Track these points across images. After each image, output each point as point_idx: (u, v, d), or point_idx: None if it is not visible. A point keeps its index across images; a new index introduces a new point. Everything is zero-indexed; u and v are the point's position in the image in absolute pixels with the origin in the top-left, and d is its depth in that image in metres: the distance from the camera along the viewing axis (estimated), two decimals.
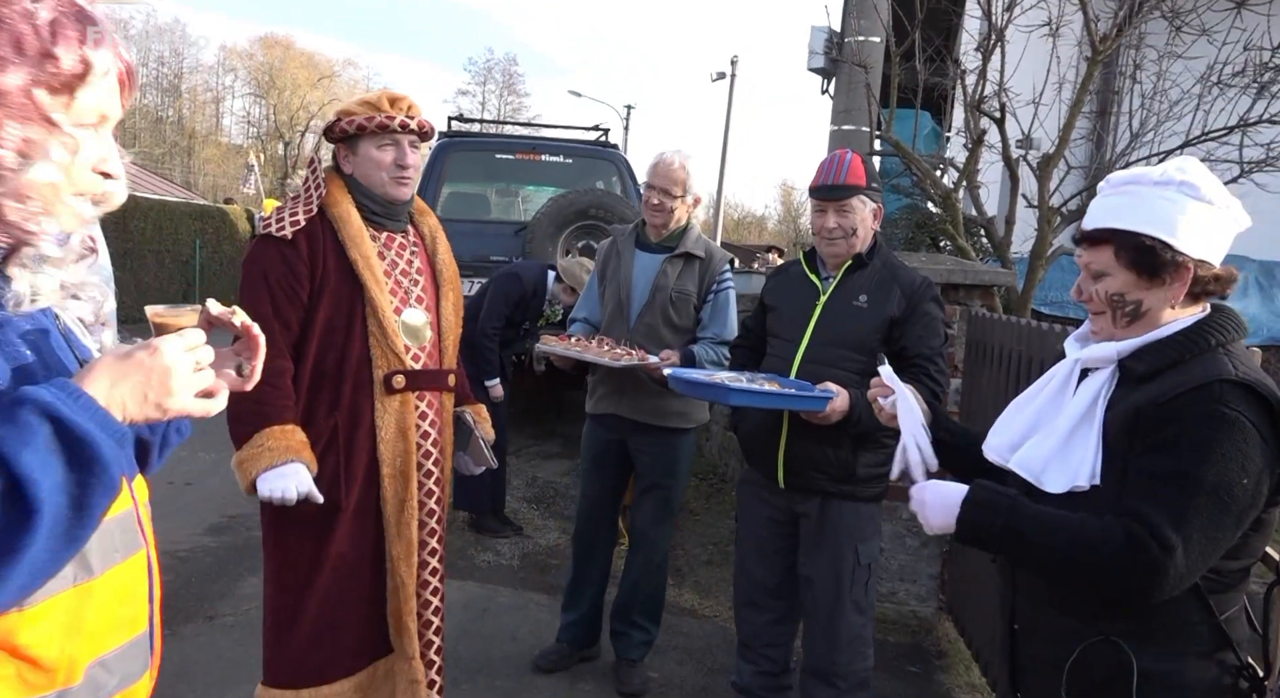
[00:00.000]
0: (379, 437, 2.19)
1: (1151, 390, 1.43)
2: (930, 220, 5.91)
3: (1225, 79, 5.02)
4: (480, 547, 4.64)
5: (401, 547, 2.23)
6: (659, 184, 3.14)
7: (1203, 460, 1.36)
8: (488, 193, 8.02)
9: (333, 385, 2.17)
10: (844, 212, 2.56)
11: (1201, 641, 1.44)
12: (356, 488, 2.19)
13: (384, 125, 2.21)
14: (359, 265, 2.17)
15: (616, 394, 3.20)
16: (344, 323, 2.17)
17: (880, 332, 2.54)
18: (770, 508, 2.70)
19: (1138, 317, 1.51)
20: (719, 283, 3.16)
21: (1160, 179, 1.49)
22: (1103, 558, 1.38)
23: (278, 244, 2.14)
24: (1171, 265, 1.47)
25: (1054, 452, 1.50)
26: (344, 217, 2.20)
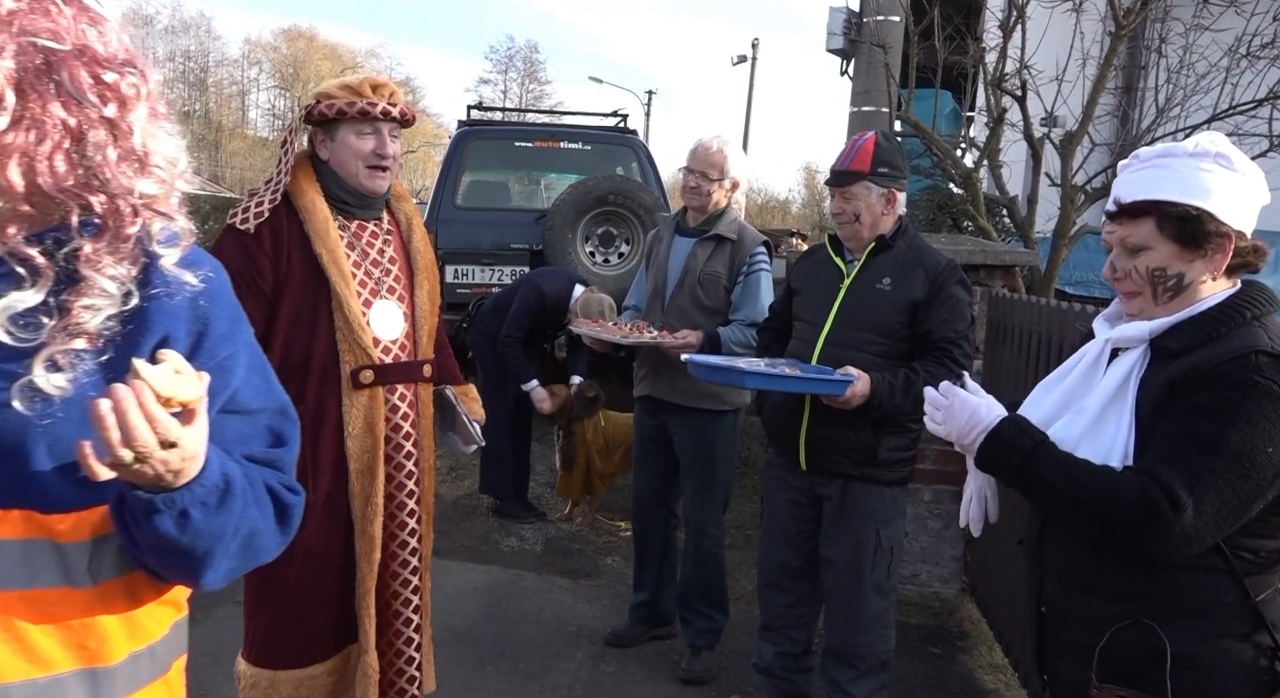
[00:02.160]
0: (346, 432, 2.14)
1: (1185, 364, 1.42)
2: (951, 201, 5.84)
3: (1254, 51, 4.89)
4: (504, 532, 4.67)
5: (364, 543, 2.18)
6: (696, 167, 3.15)
7: (1228, 425, 1.35)
8: (508, 181, 8.01)
9: (298, 380, 2.10)
10: (847, 197, 2.56)
11: (1236, 622, 1.42)
12: (325, 483, 2.14)
13: (365, 112, 2.12)
14: (324, 259, 2.10)
15: (653, 377, 3.25)
16: (309, 317, 2.11)
17: (904, 315, 2.52)
18: (793, 490, 2.70)
19: (1180, 290, 1.48)
20: (750, 265, 3.15)
21: (1195, 150, 1.47)
22: (1113, 510, 1.38)
23: (240, 236, 2.08)
24: (1216, 236, 1.45)
25: (1085, 431, 1.49)
26: (310, 207, 2.13)
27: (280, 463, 1.10)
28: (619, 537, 4.63)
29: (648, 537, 3.45)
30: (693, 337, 3.06)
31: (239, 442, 1.05)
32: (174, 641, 1.08)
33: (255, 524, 1.02)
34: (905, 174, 2.64)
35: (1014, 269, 4.06)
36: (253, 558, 1.05)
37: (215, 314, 1.02)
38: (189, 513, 0.93)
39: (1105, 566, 1.48)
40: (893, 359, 2.50)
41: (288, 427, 1.12)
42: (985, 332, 3.82)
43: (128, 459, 0.85)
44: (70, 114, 0.89)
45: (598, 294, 4.54)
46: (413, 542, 2.30)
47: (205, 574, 1.00)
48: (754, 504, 4.94)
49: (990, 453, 1.53)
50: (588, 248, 6.12)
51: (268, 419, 1.10)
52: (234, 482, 0.98)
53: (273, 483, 1.07)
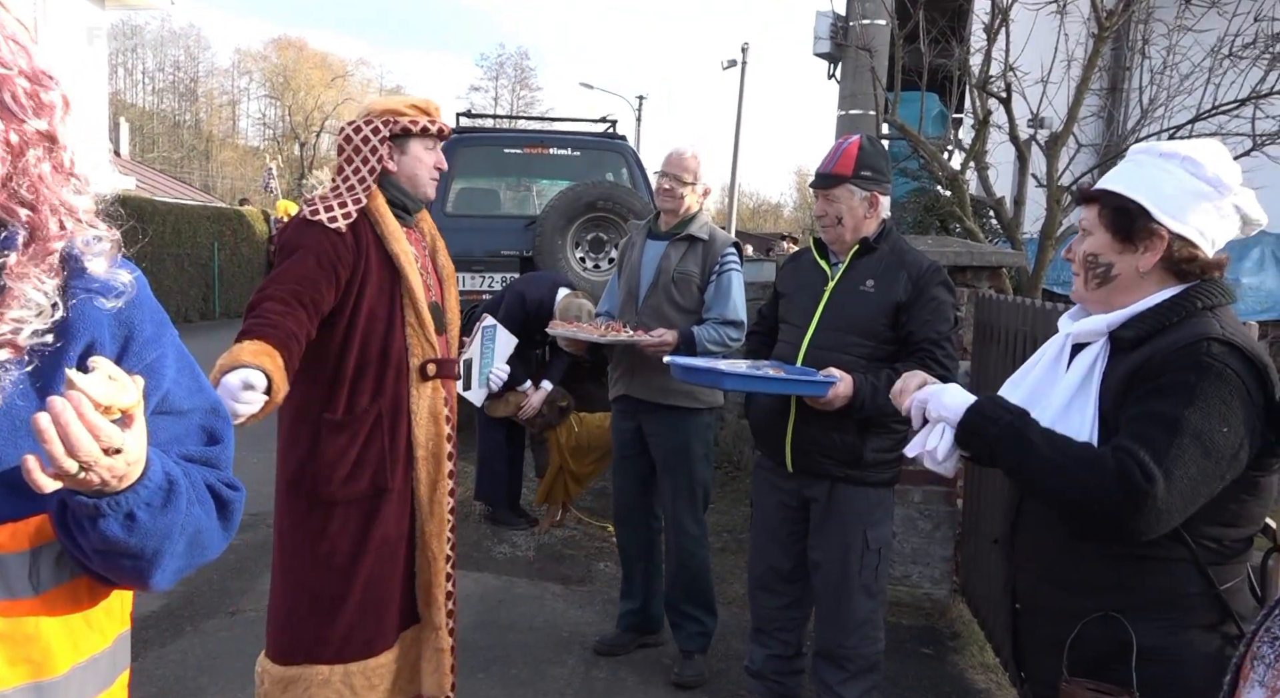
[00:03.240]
0: (414, 421, 2.29)
1: (1143, 354, 1.45)
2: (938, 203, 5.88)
3: (1236, 51, 4.93)
4: (496, 539, 4.67)
5: (435, 525, 2.33)
6: (671, 171, 3.23)
7: (1187, 404, 1.38)
8: (498, 188, 8.03)
9: (375, 373, 2.25)
10: (830, 199, 2.58)
11: (1202, 613, 1.44)
12: (400, 470, 2.28)
13: (442, 131, 2.35)
14: (400, 259, 2.26)
15: (628, 376, 3.29)
16: (385, 313, 2.25)
17: (887, 316, 2.54)
18: (781, 493, 2.71)
19: (1106, 280, 1.53)
20: (721, 264, 3.21)
21: (1166, 151, 1.51)
22: (1090, 481, 1.40)
23: (326, 231, 2.20)
24: (1145, 232, 1.48)
25: (1051, 424, 1.51)
26: (382, 212, 2.29)
27: (217, 461, 1.11)
28: (611, 542, 4.63)
29: (631, 542, 3.47)
30: (669, 335, 3.10)
31: (174, 442, 1.06)
32: (118, 653, 1.08)
33: (200, 523, 1.03)
34: (889, 178, 2.66)
35: (1001, 270, 4.09)
36: (198, 556, 1.06)
37: (139, 318, 1.03)
38: (135, 515, 0.94)
39: (1073, 560, 1.50)
40: (877, 361, 2.52)
41: (221, 425, 1.12)
42: (972, 333, 3.84)
43: (72, 470, 0.85)
44: (10, 130, 0.91)
45: (579, 298, 4.53)
46: (447, 531, 2.41)
47: (154, 575, 1.01)
48: (744, 507, 4.95)
49: (971, 426, 1.55)
50: (578, 254, 6.14)
51: (200, 418, 1.10)
52: (177, 481, 0.99)
53: (212, 480, 1.08)
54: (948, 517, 3.91)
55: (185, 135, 45.46)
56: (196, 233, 15.07)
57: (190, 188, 26.17)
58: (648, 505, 3.44)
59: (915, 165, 6.37)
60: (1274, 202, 3.83)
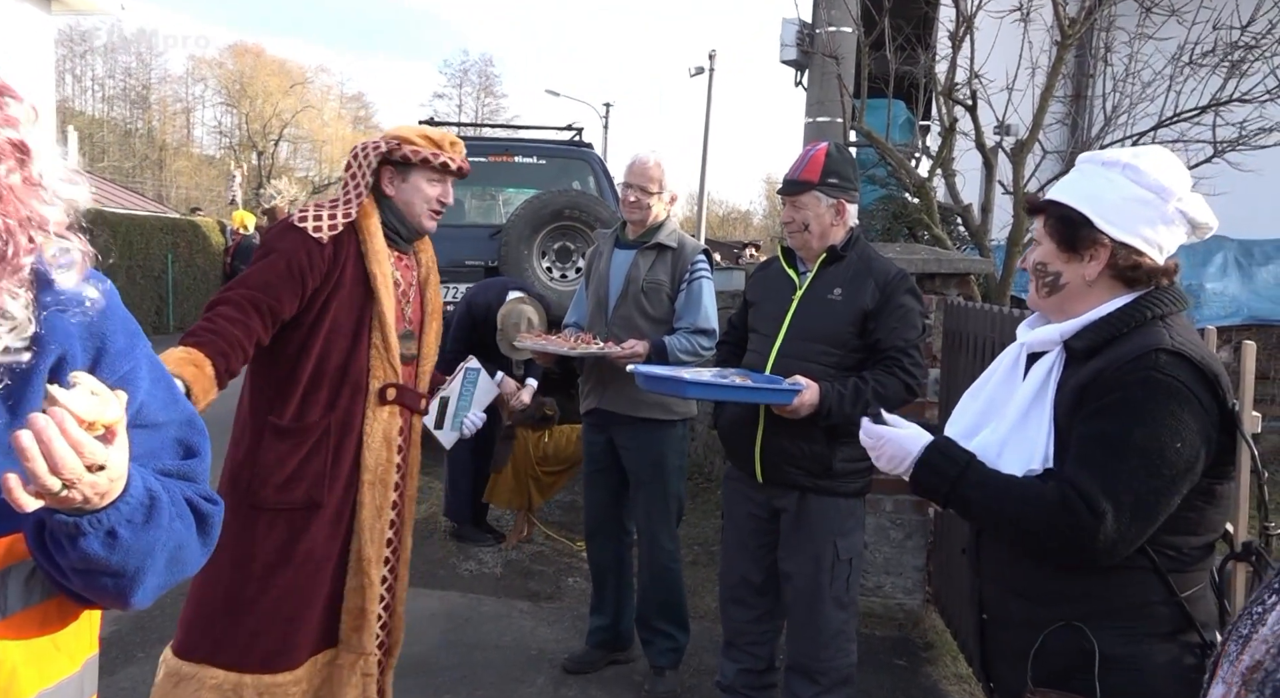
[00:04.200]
0: (365, 443, 2.30)
1: (1094, 366, 1.47)
2: (906, 210, 5.95)
3: (1196, 59, 5.06)
4: (462, 556, 4.63)
5: (374, 550, 2.34)
6: (635, 182, 3.23)
7: (1135, 423, 1.39)
8: (462, 197, 8.00)
9: (331, 387, 2.27)
10: (797, 206, 2.61)
11: (1163, 622, 1.46)
12: (338, 489, 2.28)
13: (445, 165, 2.38)
14: (376, 280, 2.29)
15: (599, 388, 3.28)
16: (350, 329, 2.28)
17: (854, 325, 2.56)
18: (751, 503, 2.72)
19: (1056, 289, 1.56)
20: (692, 272, 3.22)
21: (1108, 160, 1.54)
22: (1039, 522, 1.43)
23: (307, 238, 2.24)
24: (1088, 241, 1.51)
25: (1008, 436, 1.53)
26: (372, 230, 2.32)
27: (194, 474, 1.10)
28: (580, 557, 4.62)
29: (602, 558, 3.46)
30: (640, 346, 3.10)
31: (149, 456, 1.05)
32: (86, 679, 1.06)
33: (181, 538, 1.03)
34: (856, 185, 2.69)
35: (969, 277, 4.14)
36: (179, 572, 1.06)
37: (111, 329, 1.02)
38: (117, 532, 0.92)
39: (1036, 570, 1.52)
40: (846, 370, 2.55)
41: (196, 438, 1.12)
42: (941, 340, 3.89)
43: (55, 488, 0.84)
44: None
45: (521, 304, 4.47)
46: (394, 559, 2.44)
47: (135, 593, 1.00)
48: (715, 519, 4.96)
49: (922, 482, 1.58)
50: (544, 263, 6.13)
51: (176, 431, 1.10)
52: (158, 497, 0.98)
53: (190, 494, 1.08)
54: (919, 526, 3.95)
55: (137, 144, 44.80)
56: (149, 244, 14.83)
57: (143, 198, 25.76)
58: (619, 519, 3.43)
59: (883, 172, 6.45)
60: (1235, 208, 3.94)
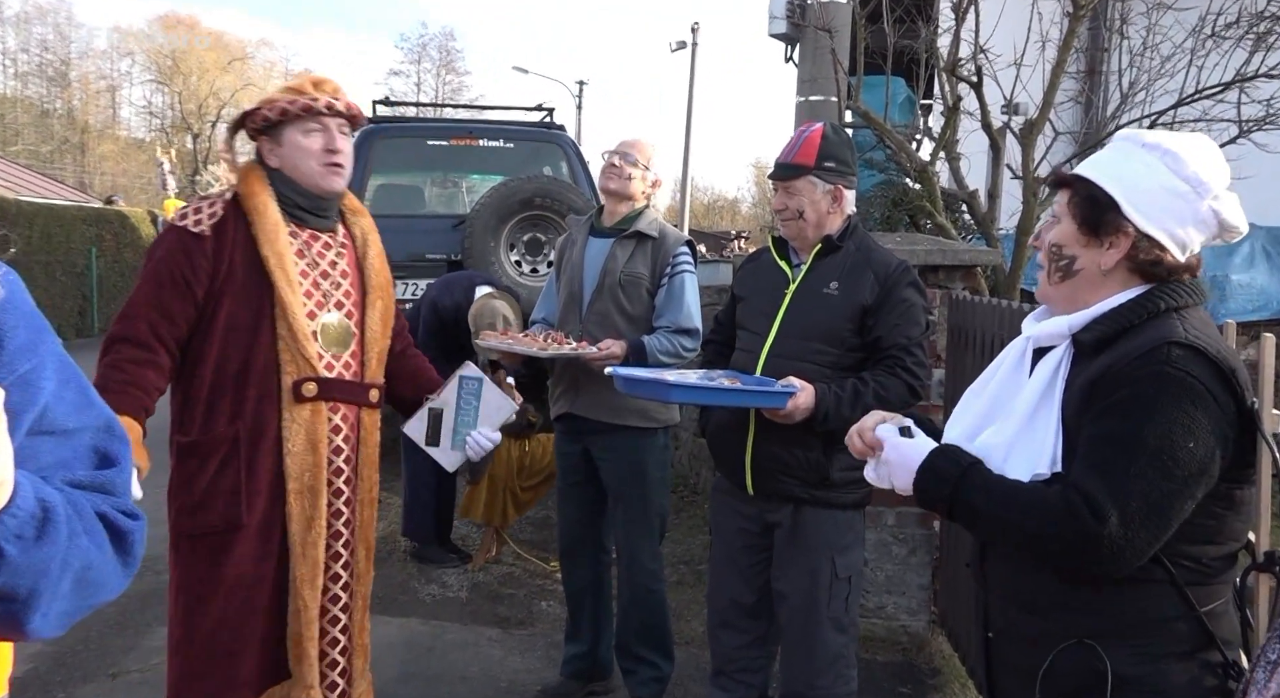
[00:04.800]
0: (285, 449, 2.24)
1: (1103, 362, 1.49)
2: (907, 197, 6.00)
3: (1219, 31, 5.14)
4: (424, 579, 4.63)
5: (306, 568, 2.27)
6: (620, 149, 3.28)
7: (1145, 421, 1.41)
8: (421, 184, 7.99)
9: (235, 392, 2.22)
10: (790, 192, 2.63)
11: (1181, 639, 1.48)
12: (260, 503, 2.24)
13: (309, 108, 2.27)
14: (269, 262, 2.22)
15: (572, 392, 3.28)
16: (249, 324, 2.22)
17: (852, 321, 2.59)
18: (741, 518, 2.74)
19: (1069, 275, 1.58)
20: (674, 266, 3.23)
21: (1150, 142, 1.55)
22: (1042, 528, 1.45)
23: (184, 234, 2.21)
24: (1111, 227, 1.53)
25: (1015, 436, 1.56)
26: (260, 209, 2.26)
27: (111, 486, 1.08)
28: (554, 579, 4.63)
29: (578, 579, 3.47)
30: (617, 346, 3.11)
31: (58, 466, 1.03)
32: None
33: (88, 556, 1.00)
34: (854, 171, 2.72)
35: (976, 269, 4.19)
36: (91, 596, 1.03)
37: (11, 323, 1.00)
38: (2, 550, 0.90)
39: (1044, 583, 1.55)
40: (843, 370, 2.58)
41: (116, 445, 1.10)
42: (946, 338, 3.93)
43: None
44: None
45: (493, 300, 4.46)
46: (345, 575, 2.38)
47: (32, 619, 0.96)
48: (702, 535, 4.98)
49: (925, 491, 1.61)
50: (513, 256, 6.14)
51: (90, 438, 1.08)
52: (54, 509, 0.94)
53: (104, 508, 1.05)
54: (924, 541, 3.99)
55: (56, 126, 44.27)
56: (70, 237, 14.68)
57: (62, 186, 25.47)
58: (597, 537, 3.45)
59: (881, 156, 6.50)
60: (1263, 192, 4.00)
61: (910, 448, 1.63)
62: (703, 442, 4.57)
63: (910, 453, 1.63)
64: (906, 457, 1.63)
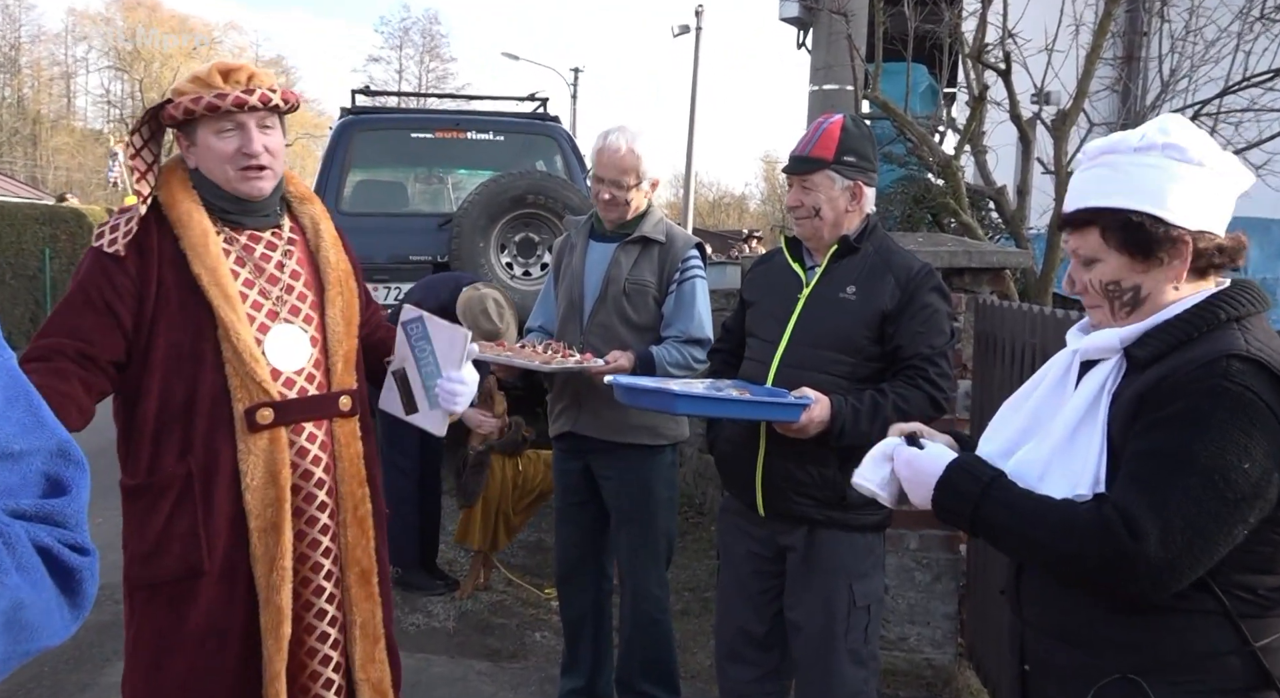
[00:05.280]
0: (244, 484, 2.17)
1: (1155, 373, 1.51)
2: (929, 194, 6.03)
3: (1269, 12, 5.17)
4: (408, 607, 4.64)
5: (270, 615, 2.19)
6: (607, 176, 3.20)
7: (1196, 437, 1.43)
8: (405, 180, 8.03)
9: (183, 426, 2.16)
10: (806, 188, 2.64)
11: (1233, 675, 1.48)
12: (222, 546, 2.17)
13: (213, 106, 2.13)
14: (202, 280, 2.15)
15: (574, 409, 3.29)
16: (191, 350, 2.15)
17: (871, 328, 2.60)
18: (752, 541, 2.75)
19: (1138, 304, 1.59)
20: (683, 271, 3.24)
21: (1140, 144, 1.57)
22: (1073, 546, 1.47)
23: (102, 257, 2.13)
24: (1167, 241, 1.54)
25: (1053, 455, 1.57)
26: (184, 220, 2.17)
27: (61, 517, 1.05)
28: (549, 607, 4.63)
29: (577, 607, 3.48)
30: (624, 359, 3.12)
31: (3, 493, 1.01)
32: None
33: (20, 596, 0.96)
34: (875, 166, 2.74)
35: (1004, 272, 4.20)
36: (25, 640, 0.99)
37: None
38: None
39: (1086, 613, 1.56)
40: (860, 381, 2.59)
41: (69, 471, 1.08)
42: (972, 346, 3.94)
43: None
44: None
45: (481, 290, 4.46)
46: (332, 609, 2.31)
47: None
48: (709, 560, 4.99)
49: (944, 506, 1.62)
50: (504, 258, 6.17)
51: (41, 463, 1.06)
52: None
53: (46, 542, 1.02)
54: (949, 566, 4.00)
55: (5, 116, 44.35)
56: (21, 237, 14.69)
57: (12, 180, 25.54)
58: (597, 562, 3.46)
59: (901, 150, 6.52)
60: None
61: (927, 460, 1.65)
62: (709, 458, 4.59)
63: (926, 466, 1.64)
64: (922, 471, 1.64)
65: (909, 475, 1.66)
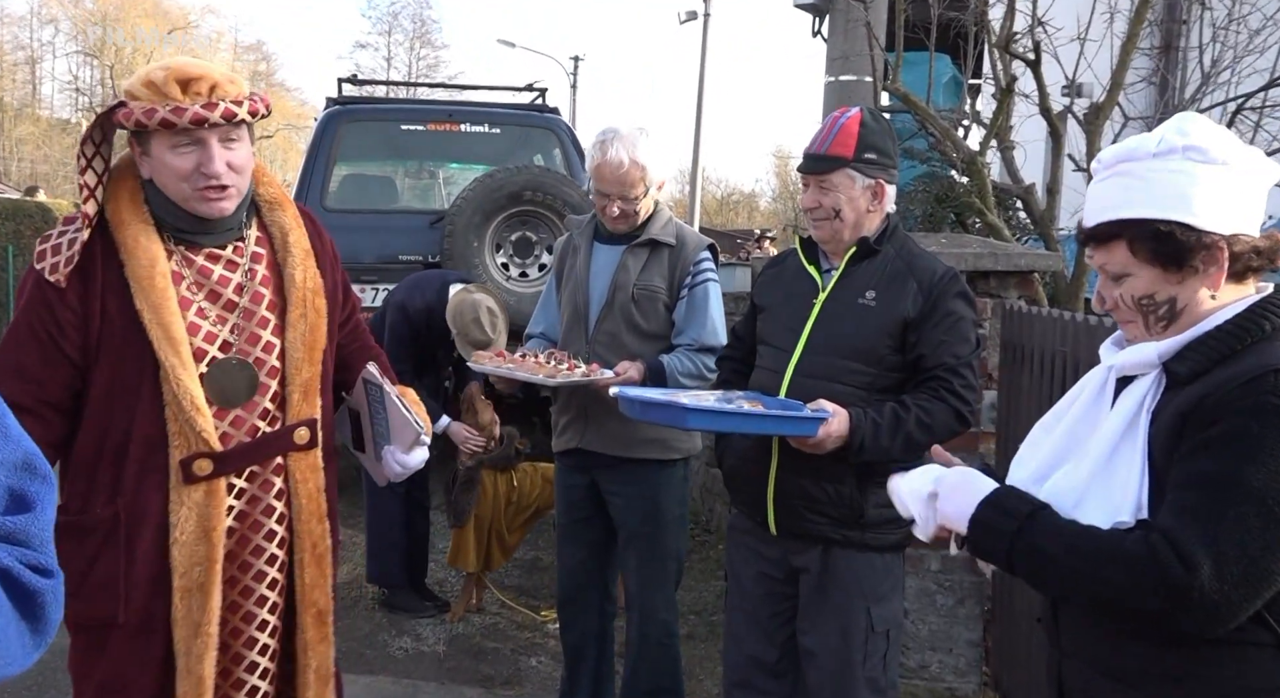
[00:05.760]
0: (172, 537, 2.11)
1: (1196, 391, 1.51)
2: (953, 192, 6.05)
3: None
4: (395, 630, 4.65)
5: (189, 685, 2.12)
6: (612, 191, 3.18)
7: (1246, 461, 1.43)
8: (394, 175, 8.05)
9: (113, 466, 2.12)
10: (824, 188, 2.65)
11: None
12: (139, 601, 2.12)
13: (168, 123, 2.02)
14: (144, 317, 2.07)
15: (580, 422, 3.29)
16: (132, 385, 2.10)
17: (891, 336, 2.61)
18: (763, 561, 2.76)
19: (1175, 317, 1.59)
20: (695, 275, 3.25)
21: (1159, 148, 1.58)
22: (1122, 579, 1.47)
23: (41, 284, 2.07)
24: (1200, 249, 1.55)
25: (1090, 480, 1.57)
26: (130, 246, 2.10)
27: (23, 535, 1.05)
28: (545, 631, 4.65)
29: (579, 630, 3.49)
30: (633, 370, 3.13)
31: None
32: None
33: None
34: (896, 163, 2.75)
35: (1033, 276, 4.22)
36: None
37: None
38: None
39: (1129, 645, 1.56)
40: (880, 392, 2.60)
41: (34, 486, 1.08)
42: (999, 355, 3.96)
43: None
44: None
45: (473, 295, 4.46)
46: (264, 637, 2.25)
47: None
48: (716, 581, 5.00)
49: (979, 544, 1.63)
50: (499, 258, 6.19)
51: (3, 476, 1.06)
52: None
53: (6, 562, 1.02)
54: (974, 589, 4.01)
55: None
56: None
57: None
58: (602, 583, 3.47)
59: (923, 145, 6.54)
60: None
61: (965, 488, 1.65)
62: (716, 472, 4.60)
63: (969, 489, 1.65)
64: (961, 506, 1.65)
65: (946, 497, 1.67)
